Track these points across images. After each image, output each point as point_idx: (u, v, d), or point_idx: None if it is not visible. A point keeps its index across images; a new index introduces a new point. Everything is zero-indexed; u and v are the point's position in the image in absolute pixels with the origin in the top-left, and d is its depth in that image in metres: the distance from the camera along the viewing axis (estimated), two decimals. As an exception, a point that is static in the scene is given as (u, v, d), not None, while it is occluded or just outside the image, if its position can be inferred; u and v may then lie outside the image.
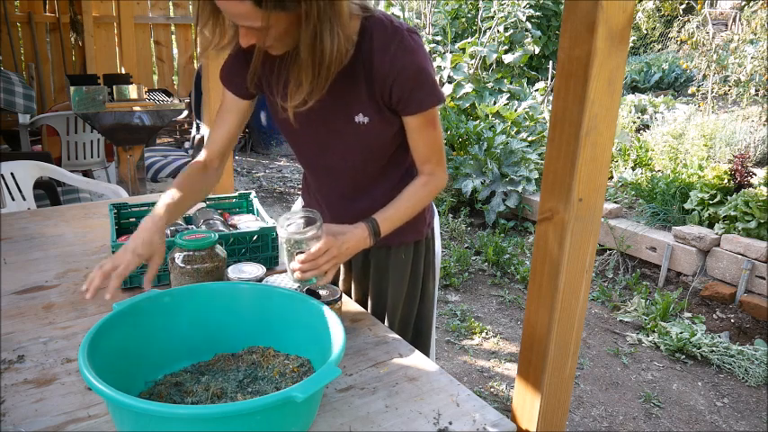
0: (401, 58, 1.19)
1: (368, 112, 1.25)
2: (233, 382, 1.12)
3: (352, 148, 1.33)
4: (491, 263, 3.95)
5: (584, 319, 1.20)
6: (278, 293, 1.23)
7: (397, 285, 1.51)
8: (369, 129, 1.27)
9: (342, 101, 1.26)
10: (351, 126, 1.28)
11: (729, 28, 6.21)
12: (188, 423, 0.86)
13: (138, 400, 0.86)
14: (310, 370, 1.15)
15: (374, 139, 1.31)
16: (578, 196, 1.07)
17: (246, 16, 1.04)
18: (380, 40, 1.19)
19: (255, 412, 0.86)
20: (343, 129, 1.29)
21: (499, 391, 2.68)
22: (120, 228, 1.79)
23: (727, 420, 2.56)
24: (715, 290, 3.40)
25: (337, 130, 1.30)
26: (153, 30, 6.35)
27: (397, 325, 1.54)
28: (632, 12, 1.01)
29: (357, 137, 1.29)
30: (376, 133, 1.29)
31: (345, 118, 1.27)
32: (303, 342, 1.18)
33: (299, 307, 1.20)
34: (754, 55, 5.36)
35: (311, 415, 1.03)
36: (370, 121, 1.26)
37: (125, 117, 3.32)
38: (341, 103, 1.26)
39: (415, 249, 1.51)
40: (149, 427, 0.87)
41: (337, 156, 1.36)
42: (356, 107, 1.26)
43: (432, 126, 1.29)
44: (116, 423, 0.93)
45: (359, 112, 1.26)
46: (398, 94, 1.21)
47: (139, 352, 1.09)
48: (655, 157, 4.80)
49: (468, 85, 5.74)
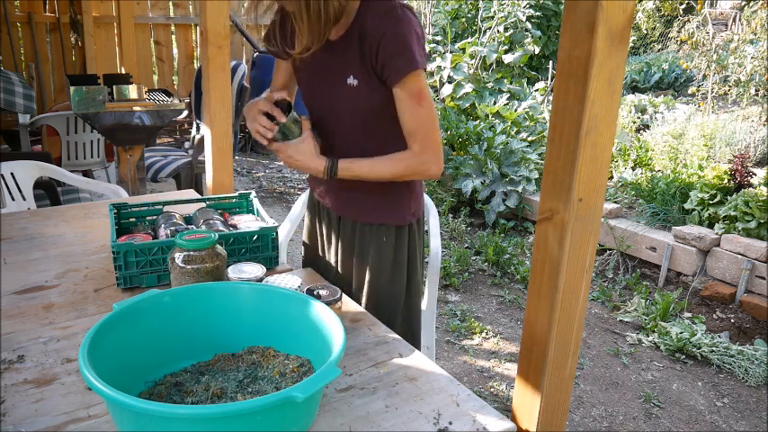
0: (386, 23, 1.31)
1: (358, 75, 1.37)
2: (233, 382, 1.11)
3: (342, 108, 1.45)
4: (491, 263, 3.95)
5: (584, 319, 1.20)
6: (278, 293, 1.23)
7: (378, 267, 1.58)
8: (357, 91, 1.39)
9: (339, 62, 1.40)
10: (344, 87, 1.40)
11: (729, 28, 6.21)
12: (188, 423, 0.86)
13: (137, 399, 0.85)
14: (310, 370, 1.15)
15: (362, 102, 1.41)
16: (578, 196, 1.07)
17: None
18: (375, 8, 1.33)
19: (256, 412, 0.86)
20: (336, 88, 1.42)
21: (499, 391, 2.68)
22: (120, 228, 1.78)
23: (727, 420, 2.56)
24: (715, 290, 3.40)
25: (332, 88, 1.44)
26: (153, 30, 6.35)
27: (379, 309, 1.57)
28: (632, 12, 1.01)
29: (347, 98, 1.42)
30: (363, 97, 1.39)
31: (340, 79, 1.40)
32: (303, 342, 1.18)
33: (299, 307, 1.19)
34: (754, 55, 5.36)
35: (311, 415, 1.03)
36: (359, 83, 1.38)
37: (125, 117, 3.32)
38: (338, 64, 1.40)
39: (397, 234, 1.57)
40: (149, 427, 0.87)
41: (333, 115, 1.48)
42: (350, 69, 1.38)
43: (416, 100, 1.36)
44: (116, 423, 0.93)
45: (350, 74, 1.38)
46: (382, 59, 1.32)
47: (139, 352, 1.09)
48: (655, 157, 4.80)
49: (468, 85, 5.74)
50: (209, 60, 2.17)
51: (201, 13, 2.15)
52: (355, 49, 1.36)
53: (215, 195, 2.05)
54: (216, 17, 2.14)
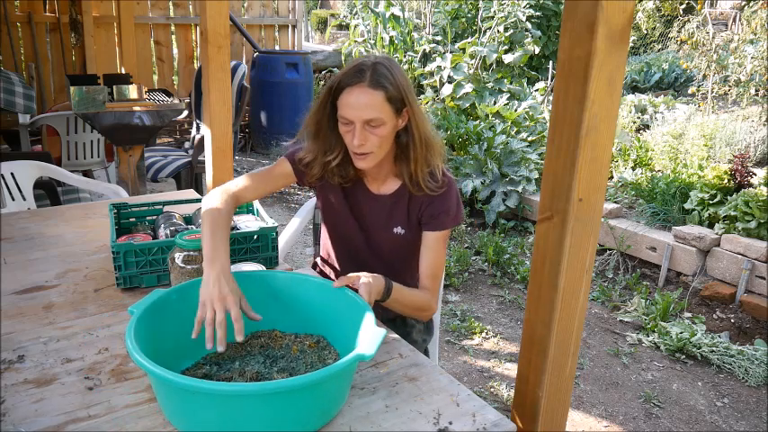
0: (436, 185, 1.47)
1: (405, 226, 1.53)
2: (257, 365, 1.15)
3: (385, 250, 1.58)
4: (491, 263, 3.95)
5: (584, 319, 1.20)
6: (274, 277, 1.29)
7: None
8: (403, 238, 1.54)
9: (386, 213, 1.54)
10: (390, 235, 1.55)
11: (729, 28, 6.20)
12: (280, 397, 0.93)
13: (234, 384, 0.96)
14: (328, 345, 1.23)
15: (404, 246, 1.56)
16: (578, 196, 1.07)
17: (376, 106, 1.32)
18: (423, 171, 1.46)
19: (332, 378, 0.97)
20: (383, 234, 1.56)
21: (499, 391, 2.68)
22: (120, 228, 1.79)
23: (727, 420, 2.56)
24: (715, 290, 3.40)
25: (378, 234, 1.57)
26: (153, 30, 6.34)
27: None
28: (632, 12, 1.01)
29: (391, 242, 1.56)
30: (408, 242, 1.55)
31: (387, 228, 1.55)
32: (310, 321, 1.25)
33: (300, 287, 1.27)
34: (755, 55, 5.35)
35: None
36: (406, 232, 1.54)
37: (125, 117, 3.31)
38: (386, 215, 1.54)
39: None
40: (240, 406, 0.93)
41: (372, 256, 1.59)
42: (397, 220, 1.53)
43: (442, 245, 1.51)
44: (186, 413, 0.97)
45: (398, 225, 1.53)
46: (429, 212, 1.49)
47: (156, 353, 1.09)
48: (655, 157, 4.79)
49: (468, 85, 5.74)
50: (209, 60, 2.17)
51: (201, 13, 2.15)
52: (405, 204, 1.52)
53: (215, 195, 2.05)
54: (216, 17, 2.13)
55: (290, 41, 7.17)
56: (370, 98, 1.32)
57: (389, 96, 1.34)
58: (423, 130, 1.42)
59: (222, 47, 2.18)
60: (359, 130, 1.35)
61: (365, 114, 1.33)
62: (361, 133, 1.35)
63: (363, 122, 1.34)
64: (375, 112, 1.33)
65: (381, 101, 1.33)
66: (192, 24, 6.51)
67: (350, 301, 1.20)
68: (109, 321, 1.38)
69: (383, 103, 1.34)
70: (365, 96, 1.32)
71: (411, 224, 1.53)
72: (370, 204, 1.55)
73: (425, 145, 1.43)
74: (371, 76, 1.33)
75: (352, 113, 1.34)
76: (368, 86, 1.32)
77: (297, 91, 6.00)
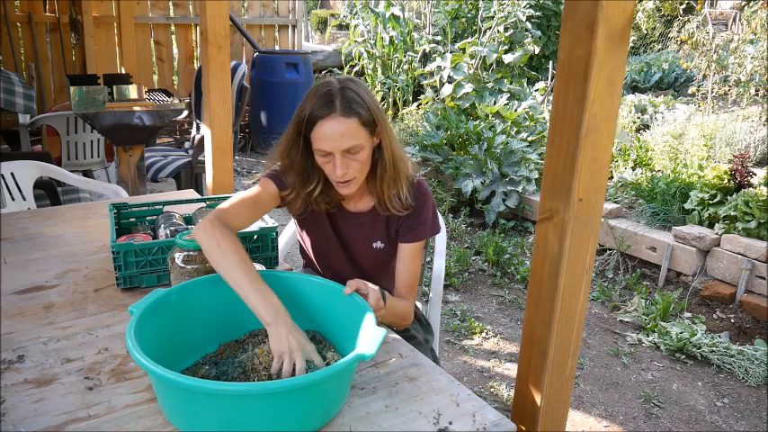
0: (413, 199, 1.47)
1: (384, 240, 1.54)
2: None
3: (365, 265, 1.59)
4: (491, 263, 3.95)
5: (584, 319, 1.20)
6: (271, 275, 1.29)
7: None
8: (384, 252, 1.55)
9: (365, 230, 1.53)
10: (370, 250, 1.55)
11: (729, 28, 6.20)
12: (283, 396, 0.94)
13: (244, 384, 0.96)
14: (323, 339, 1.25)
15: (385, 261, 1.57)
16: (578, 196, 1.07)
17: (352, 133, 1.29)
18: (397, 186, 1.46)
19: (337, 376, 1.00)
20: (364, 250, 1.56)
21: (499, 391, 2.68)
22: (120, 228, 1.79)
23: (727, 420, 2.56)
24: (715, 290, 3.40)
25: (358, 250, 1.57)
26: (153, 30, 6.35)
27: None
28: (632, 12, 1.01)
29: (372, 257, 1.57)
30: (388, 255, 1.56)
31: (367, 244, 1.55)
32: (310, 320, 1.26)
33: (300, 287, 1.28)
34: (755, 55, 5.35)
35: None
36: (385, 246, 1.54)
37: (125, 117, 3.31)
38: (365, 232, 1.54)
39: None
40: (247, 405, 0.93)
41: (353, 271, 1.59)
42: (377, 235, 1.53)
43: (419, 254, 1.53)
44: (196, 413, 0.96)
45: (377, 240, 1.54)
46: (407, 224, 1.49)
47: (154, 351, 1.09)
48: (655, 157, 4.79)
49: (468, 85, 5.74)
50: (209, 60, 2.17)
51: (201, 13, 2.15)
52: (383, 219, 1.51)
53: (215, 195, 2.05)
54: (216, 17, 2.14)
55: (290, 41, 7.17)
56: (346, 127, 1.28)
57: (363, 121, 1.30)
58: (392, 149, 1.40)
59: (222, 47, 2.18)
60: (339, 159, 1.31)
61: (343, 144, 1.29)
62: (342, 162, 1.31)
63: (342, 152, 1.31)
64: (353, 140, 1.30)
65: (357, 127, 1.30)
66: (192, 24, 6.51)
67: (350, 302, 1.21)
68: (109, 321, 1.38)
69: (359, 129, 1.30)
70: (340, 126, 1.28)
71: (390, 238, 1.54)
72: (350, 222, 1.54)
73: (393, 164, 1.40)
74: (342, 103, 1.28)
75: (330, 145, 1.30)
76: (340, 115, 1.28)
77: (297, 91, 6.00)
